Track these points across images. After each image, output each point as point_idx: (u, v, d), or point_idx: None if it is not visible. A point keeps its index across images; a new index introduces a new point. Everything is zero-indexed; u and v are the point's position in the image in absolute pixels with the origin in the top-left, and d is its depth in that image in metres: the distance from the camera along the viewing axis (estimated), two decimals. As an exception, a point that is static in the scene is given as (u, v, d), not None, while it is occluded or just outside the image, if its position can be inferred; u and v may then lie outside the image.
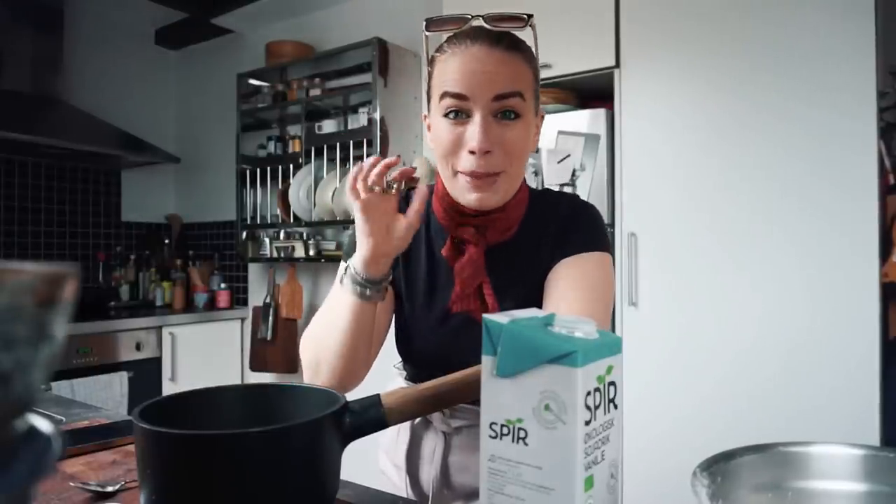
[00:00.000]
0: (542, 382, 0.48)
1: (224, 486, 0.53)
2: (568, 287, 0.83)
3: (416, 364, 0.96)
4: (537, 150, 2.09)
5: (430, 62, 0.86)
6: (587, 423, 0.48)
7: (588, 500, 0.49)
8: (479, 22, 0.82)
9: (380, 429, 0.63)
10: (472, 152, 0.79)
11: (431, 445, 0.96)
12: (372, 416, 0.62)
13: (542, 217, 0.90)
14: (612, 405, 0.52)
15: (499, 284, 0.87)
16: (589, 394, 0.48)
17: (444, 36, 0.86)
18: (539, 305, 0.83)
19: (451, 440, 0.94)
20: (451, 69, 0.81)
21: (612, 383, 0.52)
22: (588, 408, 0.48)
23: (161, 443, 0.54)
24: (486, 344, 0.51)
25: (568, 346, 0.47)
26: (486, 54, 0.80)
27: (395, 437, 1.01)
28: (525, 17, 0.82)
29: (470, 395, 0.67)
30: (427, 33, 0.86)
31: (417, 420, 0.94)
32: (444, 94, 0.81)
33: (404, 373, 1.00)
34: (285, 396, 0.69)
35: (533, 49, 0.85)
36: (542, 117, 0.90)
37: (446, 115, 0.81)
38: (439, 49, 0.85)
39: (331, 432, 0.59)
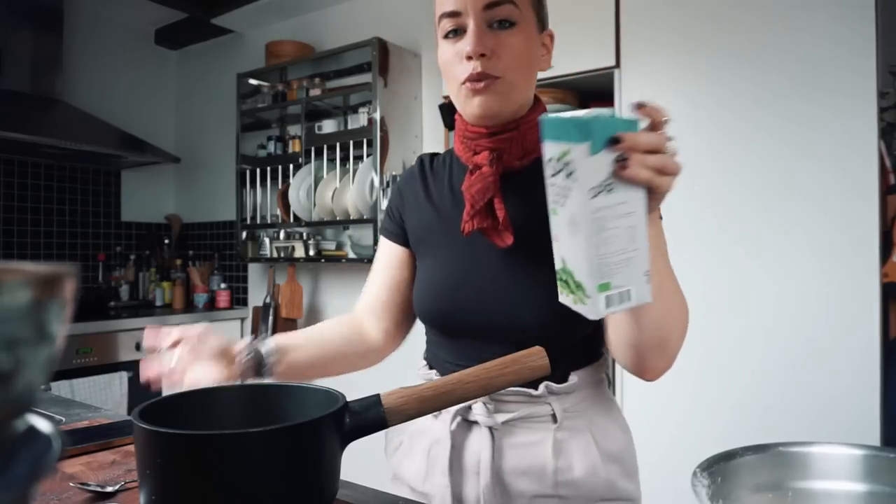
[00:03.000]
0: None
1: (224, 486, 0.53)
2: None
3: (439, 311, 0.87)
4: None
5: None
6: (550, 175, 0.60)
7: (554, 224, 0.62)
8: None
9: (380, 429, 0.63)
10: (468, 58, 0.80)
11: (475, 452, 0.83)
12: (372, 416, 0.62)
13: None
14: (568, 178, 0.59)
15: (512, 211, 0.83)
16: (550, 158, 0.60)
17: None
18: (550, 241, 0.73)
19: (501, 441, 0.83)
20: None
21: (567, 162, 0.58)
22: (550, 166, 0.60)
23: (161, 443, 0.54)
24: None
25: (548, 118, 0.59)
26: None
27: (424, 463, 0.88)
28: None
29: (472, 393, 0.67)
30: None
31: (455, 423, 0.85)
32: (441, 17, 0.83)
33: (429, 373, 0.92)
34: (285, 396, 0.69)
35: None
36: (552, 36, 0.89)
37: (446, 37, 0.83)
38: None
39: (331, 432, 0.59)
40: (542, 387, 0.81)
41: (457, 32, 0.82)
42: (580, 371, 0.84)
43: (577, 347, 0.85)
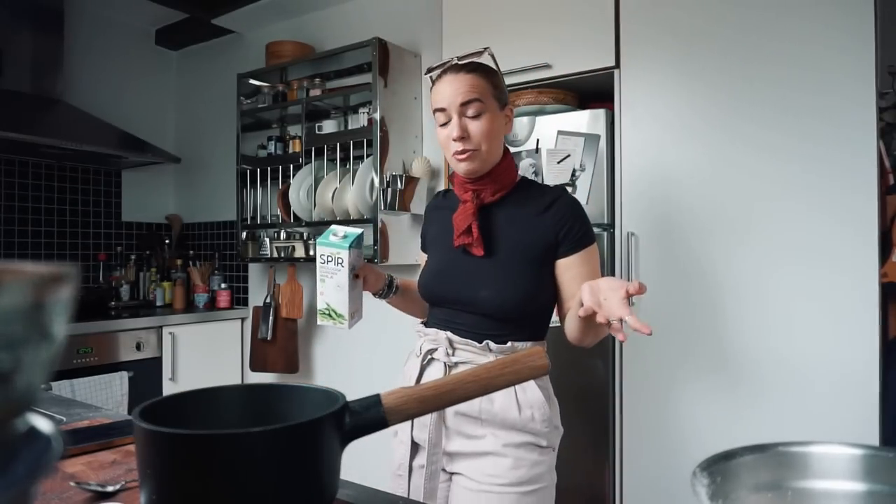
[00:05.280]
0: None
1: (224, 486, 0.53)
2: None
3: (431, 288, 1.31)
4: (535, 153, 2.09)
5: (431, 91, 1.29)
6: (320, 263, 1.24)
7: (322, 285, 1.25)
8: (455, 61, 1.26)
9: (380, 429, 0.63)
10: (454, 140, 1.21)
11: (433, 377, 1.10)
12: (372, 416, 0.62)
13: (529, 191, 1.30)
14: (339, 265, 1.23)
15: (487, 229, 1.25)
16: (323, 254, 1.24)
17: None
18: (519, 243, 1.25)
19: (450, 373, 1.17)
20: (435, 93, 1.25)
21: (340, 258, 1.23)
22: (322, 258, 1.24)
23: (161, 443, 0.54)
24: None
25: (322, 239, 1.25)
26: (452, 79, 1.22)
27: (405, 383, 1.25)
28: (482, 49, 1.29)
29: (469, 393, 0.67)
30: (427, 76, 1.32)
31: (427, 358, 1.26)
32: (435, 111, 1.25)
33: (425, 331, 1.31)
34: (285, 396, 0.69)
35: (493, 65, 1.28)
36: (511, 109, 1.31)
37: (440, 125, 1.25)
38: (433, 82, 1.28)
39: (331, 432, 0.59)
40: (485, 342, 1.21)
41: (445, 124, 1.23)
42: (519, 343, 1.22)
43: (521, 326, 1.23)
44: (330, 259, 1.21)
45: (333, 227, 1.26)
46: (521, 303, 1.21)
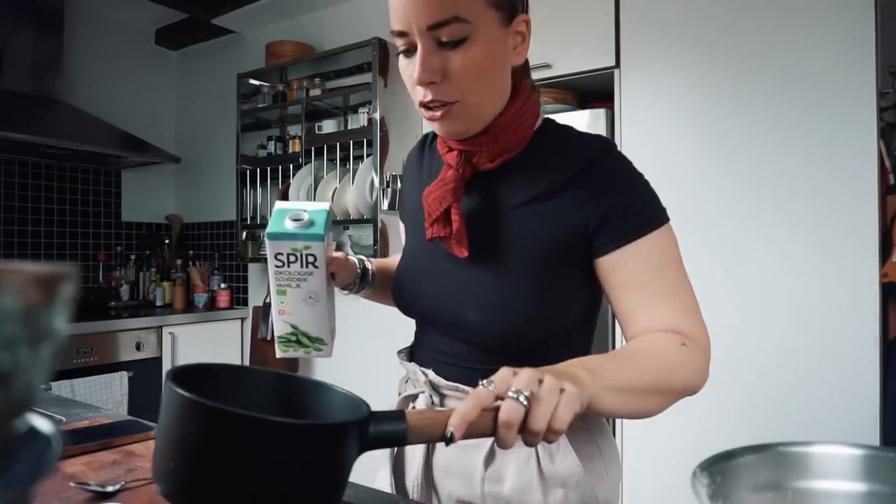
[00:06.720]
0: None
1: (246, 467, 0.52)
2: (653, 293, 0.76)
3: (403, 293, 0.88)
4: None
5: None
6: (278, 267, 0.81)
7: (282, 298, 0.83)
8: None
9: (397, 445, 0.60)
10: (418, 84, 0.74)
11: (413, 445, 0.79)
12: (392, 431, 0.59)
13: (552, 147, 0.81)
14: (310, 265, 0.81)
15: (478, 213, 0.80)
16: (280, 254, 0.80)
17: None
18: (527, 236, 0.77)
19: None
20: (391, 3, 0.73)
21: (311, 254, 0.80)
22: (279, 259, 0.80)
23: (195, 412, 0.52)
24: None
25: (274, 228, 0.80)
26: None
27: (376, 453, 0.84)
28: None
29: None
30: None
31: (409, 406, 0.88)
32: (392, 33, 0.75)
33: (405, 364, 0.90)
34: (310, 392, 0.68)
35: None
36: (527, 22, 0.81)
37: (402, 53, 0.76)
38: None
39: (354, 438, 0.58)
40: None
41: (409, 52, 0.74)
42: None
43: (541, 358, 0.68)
44: (293, 259, 0.80)
45: (282, 204, 0.83)
46: (530, 328, 0.75)
